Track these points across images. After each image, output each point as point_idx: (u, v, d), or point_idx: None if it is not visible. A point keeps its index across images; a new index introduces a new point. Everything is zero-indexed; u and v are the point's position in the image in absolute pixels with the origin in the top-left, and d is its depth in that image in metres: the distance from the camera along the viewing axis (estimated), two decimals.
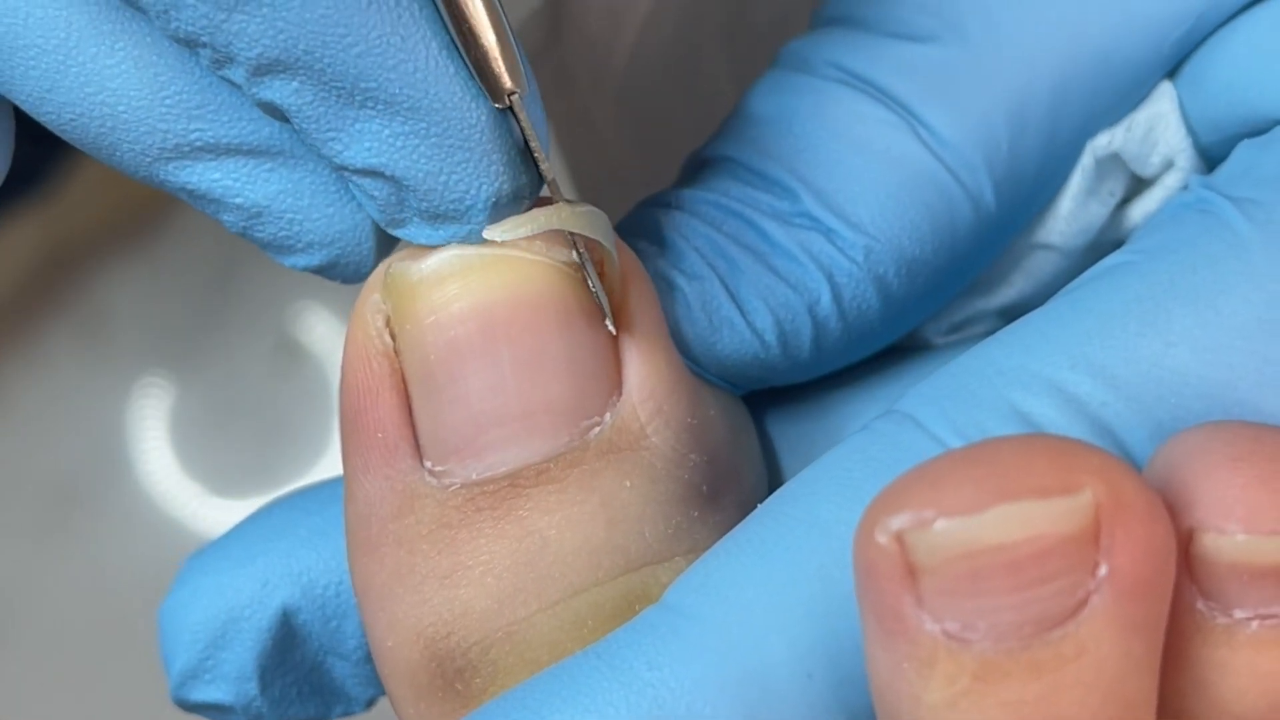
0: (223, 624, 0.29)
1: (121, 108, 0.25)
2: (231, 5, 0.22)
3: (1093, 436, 0.23)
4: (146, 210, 0.71)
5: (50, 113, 0.25)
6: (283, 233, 0.26)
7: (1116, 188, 0.28)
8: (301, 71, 0.23)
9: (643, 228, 0.27)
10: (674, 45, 0.37)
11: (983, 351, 0.25)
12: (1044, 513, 0.20)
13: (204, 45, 0.23)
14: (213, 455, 0.71)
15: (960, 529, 0.20)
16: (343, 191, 0.26)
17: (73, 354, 0.72)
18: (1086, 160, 0.28)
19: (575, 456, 0.25)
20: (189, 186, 0.26)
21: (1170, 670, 0.22)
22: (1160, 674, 0.21)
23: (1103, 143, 0.28)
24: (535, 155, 0.25)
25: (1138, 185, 0.29)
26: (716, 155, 0.28)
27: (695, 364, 0.26)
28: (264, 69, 0.23)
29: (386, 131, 0.24)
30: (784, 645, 0.23)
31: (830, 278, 0.26)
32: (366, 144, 0.24)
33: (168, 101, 0.25)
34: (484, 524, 0.25)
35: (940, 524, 0.20)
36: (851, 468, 0.24)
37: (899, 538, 0.20)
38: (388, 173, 0.24)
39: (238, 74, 0.23)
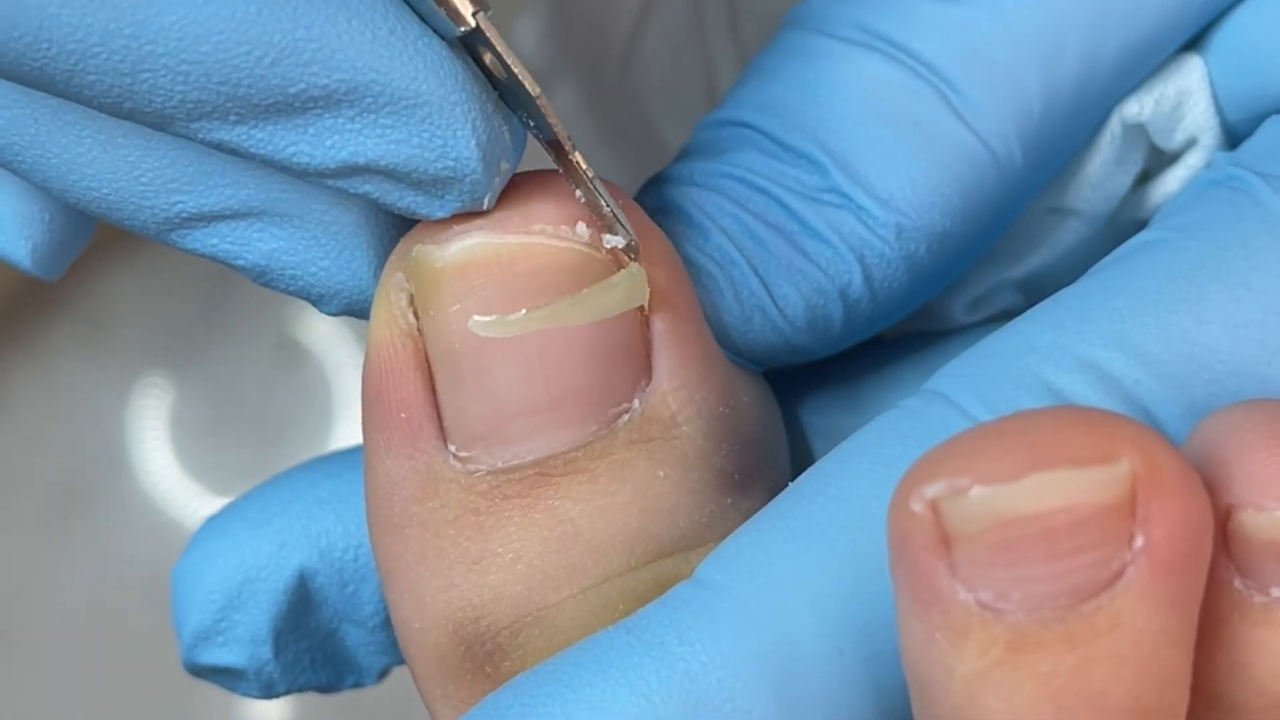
0: (238, 584, 0.29)
1: (106, 190, 0.25)
2: (131, 68, 0.22)
3: (1126, 412, 0.23)
4: None
5: (62, 194, 0.25)
6: (294, 286, 0.26)
7: (1139, 158, 0.28)
8: (230, 102, 0.22)
9: (664, 207, 0.27)
10: (676, 21, 0.37)
11: (1014, 329, 0.24)
12: (1080, 482, 0.20)
13: (133, 112, 0.23)
14: (213, 455, 0.71)
15: (995, 497, 0.20)
16: (330, 241, 0.25)
17: (73, 354, 0.71)
18: (1115, 128, 0.28)
19: (604, 446, 0.25)
20: (199, 251, 0.25)
21: (1206, 650, 0.22)
22: (1196, 653, 0.21)
23: (1133, 111, 0.27)
24: (514, 69, 0.24)
25: (1157, 160, 0.29)
26: (735, 121, 0.27)
27: (723, 349, 0.26)
28: (197, 115, 0.23)
29: (340, 122, 0.23)
30: (815, 621, 0.23)
31: (862, 259, 0.26)
32: (328, 142, 0.23)
33: (142, 180, 0.25)
34: (512, 512, 0.25)
35: (976, 492, 0.20)
36: (883, 444, 0.24)
37: (934, 506, 0.20)
38: (362, 161, 0.23)
39: (179, 128, 0.23)
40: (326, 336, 0.71)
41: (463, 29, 0.23)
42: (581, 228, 0.25)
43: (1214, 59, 0.27)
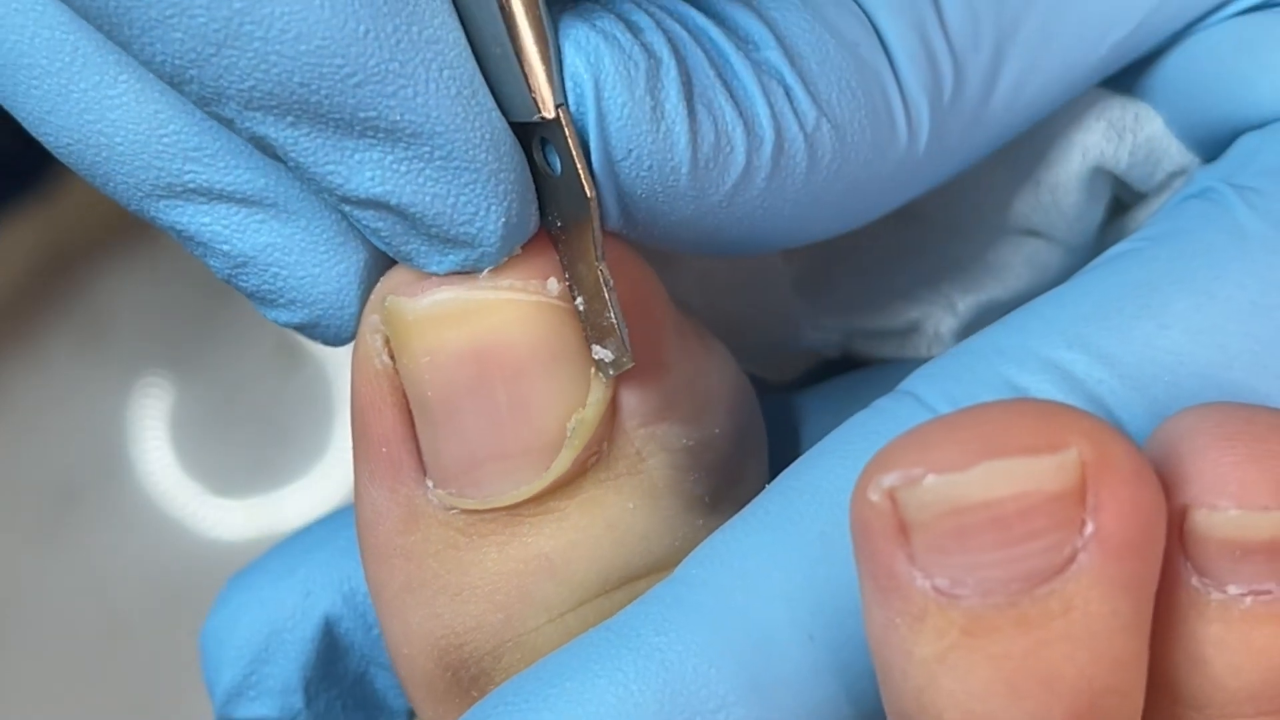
0: (266, 637, 0.29)
1: (118, 139, 0.24)
2: (220, 40, 0.22)
3: (1088, 410, 0.23)
4: None
5: (49, 134, 0.25)
6: (266, 285, 0.25)
7: (1106, 190, 0.29)
8: (296, 105, 0.22)
9: (600, 11, 0.25)
10: None
11: (985, 334, 0.25)
12: (1030, 470, 0.20)
13: (191, 81, 0.22)
14: (213, 455, 0.71)
15: (947, 485, 0.20)
16: (331, 253, 0.25)
17: (73, 354, 0.72)
18: (1089, 164, 0.28)
19: (574, 487, 0.25)
20: (178, 226, 0.25)
21: (1165, 647, 0.22)
22: (1157, 650, 0.22)
23: (1109, 159, 0.28)
24: (579, 169, 0.24)
25: (1136, 192, 0.29)
26: None
27: (608, 153, 0.24)
28: (256, 104, 0.22)
29: (389, 159, 0.23)
30: (786, 608, 0.23)
31: (778, 130, 0.25)
32: (368, 173, 0.23)
33: (165, 139, 0.24)
34: (489, 548, 0.25)
35: (929, 480, 0.20)
36: (852, 440, 0.24)
37: (891, 495, 0.20)
38: (392, 201, 0.23)
39: (228, 109, 0.23)
40: None
41: (538, 117, 0.23)
42: (552, 283, 0.25)
43: (1162, 107, 0.28)
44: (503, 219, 0.24)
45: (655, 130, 0.24)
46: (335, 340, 0.26)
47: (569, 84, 0.24)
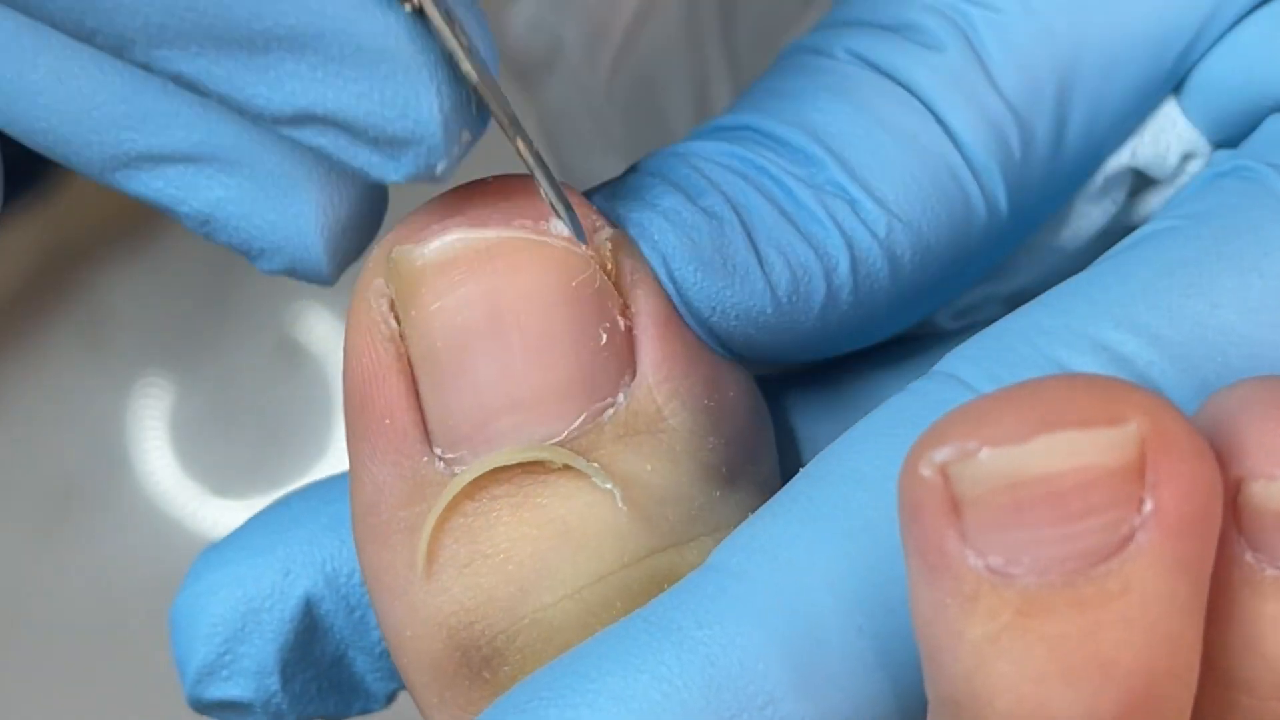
0: (242, 616, 0.28)
1: (55, 121, 0.25)
2: None
3: None
4: (146, 210, 0.71)
5: (7, 126, 0.25)
6: (236, 238, 0.25)
7: (1120, 196, 0.28)
8: (194, 30, 0.22)
9: (662, 170, 0.26)
10: (670, 28, 0.37)
11: (1024, 313, 0.24)
12: (1089, 443, 0.19)
13: (95, 34, 0.22)
14: (213, 455, 0.71)
15: (1004, 458, 0.19)
16: (282, 198, 0.25)
17: (73, 354, 0.72)
18: (1098, 181, 0.28)
19: (590, 441, 0.25)
20: (140, 193, 0.25)
21: (1217, 626, 0.21)
22: (1207, 630, 0.21)
23: (1123, 160, 0.28)
24: (455, 58, 0.23)
25: (1147, 180, 0.29)
26: (732, 124, 0.27)
27: (694, 314, 0.25)
28: (158, 40, 0.22)
29: (302, 67, 0.22)
30: (833, 600, 0.22)
31: (850, 246, 0.25)
32: (288, 87, 0.23)
33: (95, 114, 0.25)
34: (501, 512, 0.25)
35: (984, 454, 0.19)
36: (894, 424, 0.24)
37: (943, 471, 0.20)
38: (320, 110, 0.23)
39: (139, 53, 0.22)
40: (326, 336, 0.72)
41: (408, 7, 0.23)
42: (556, 223, 0.24)
43: (1186, 97, 0.27)
44: (436, 104, 0.23)
45: (731, 284, 0.25)
46: (317, 279, 0.26)
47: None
